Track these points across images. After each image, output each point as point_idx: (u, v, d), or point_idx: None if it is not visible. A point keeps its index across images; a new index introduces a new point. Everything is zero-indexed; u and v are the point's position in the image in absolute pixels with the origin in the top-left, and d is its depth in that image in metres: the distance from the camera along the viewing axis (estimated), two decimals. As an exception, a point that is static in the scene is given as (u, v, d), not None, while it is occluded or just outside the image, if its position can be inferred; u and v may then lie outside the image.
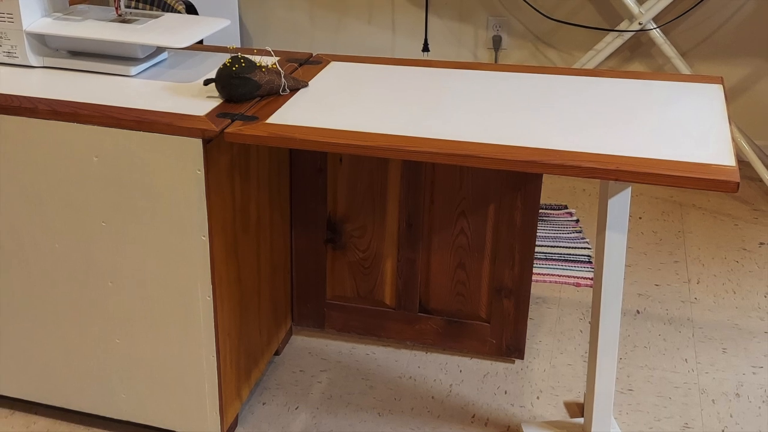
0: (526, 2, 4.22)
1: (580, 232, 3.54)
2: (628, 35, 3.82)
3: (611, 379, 2.29)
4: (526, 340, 2.80)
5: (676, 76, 2.35)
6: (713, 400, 2.63)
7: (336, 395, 2.65)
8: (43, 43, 2.40)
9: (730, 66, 4.10)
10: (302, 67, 2.44)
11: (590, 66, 3.88)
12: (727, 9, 4.01)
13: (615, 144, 1.92)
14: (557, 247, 3.43)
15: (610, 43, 3.85)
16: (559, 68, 2.41)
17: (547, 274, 3.26)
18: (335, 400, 2.63)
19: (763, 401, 2.62)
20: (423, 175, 2.60)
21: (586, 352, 2.83)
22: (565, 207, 3.75)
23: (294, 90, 2.25)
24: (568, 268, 3.29)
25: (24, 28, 2.34)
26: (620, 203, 2.09)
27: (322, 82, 2.33)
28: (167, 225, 2.16)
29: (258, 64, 2.20)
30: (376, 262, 2.74)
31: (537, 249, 3.40)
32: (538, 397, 2.64)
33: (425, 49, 4.40)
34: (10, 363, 2.48)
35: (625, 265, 2.36)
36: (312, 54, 2.54)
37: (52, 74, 2.35)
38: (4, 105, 2.15)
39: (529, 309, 2.79)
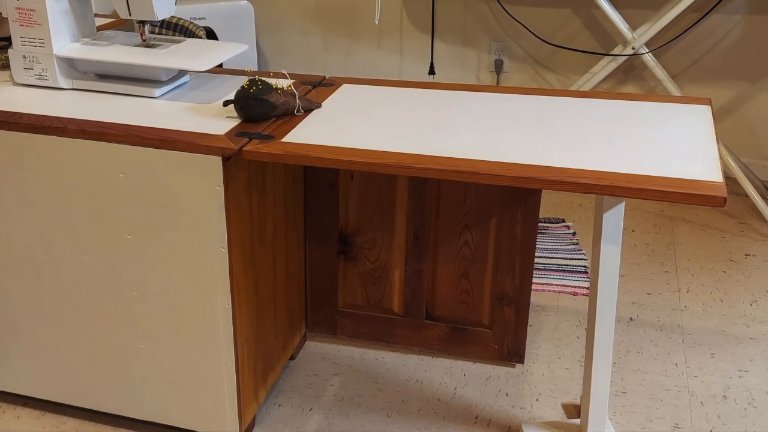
0: (526, 28, 4.22)
1: (576, 244, 3.53)
2: (621, 59, 3.81)
3: (606, 382, 2.28)
4: (526, 346, 2.80)
5: (667, 98, 2.35)
6: (702, 402, 2.61)
7: (347, 397, 2.64)
8: (72, 66, 2.40)
9: (717, 88, 4.09)
10: (316, 89, 2.44)
11: (586, 88, 3.88)
12: (715, 35, 4.00)
13: (610, 161, 1.91)
14: (555, 258, 3.42)
15: (605, 66, 3.84)
16: (558, 90, 2.40)
17: (546, 284, 3.25)
18: (347, 402, 2.62)
19: (749, 403, 2.61)
20: (429, 191, 2.60)
21: (582, 357, 2.82)
22: (563, 220, 3.74)
23: (308, 111, 2.25)
24: (565, 278, 3.28)
25: (54, 53, 2.34)
26: (614, 217, 2.08)
27: (335, 103, 2.32)
28: (189, 237, 2.15)
29: (274, 87, 2.19)
30: (385, 272, 2.74)
31: (536, 260, 3.39)
32: (537, 399, 2.63)
33: (431, 72, 4.40)
34: (41, 367, 2.48)
35: (619, 275, 2.36)
36: (325, 77, 2.54)
37: (81, 96, 2.35)
38: (36, 125, 2.15)
39: (529, 316, 2.78)
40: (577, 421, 2.51)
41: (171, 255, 2.20)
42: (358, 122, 2.17)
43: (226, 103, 2.21)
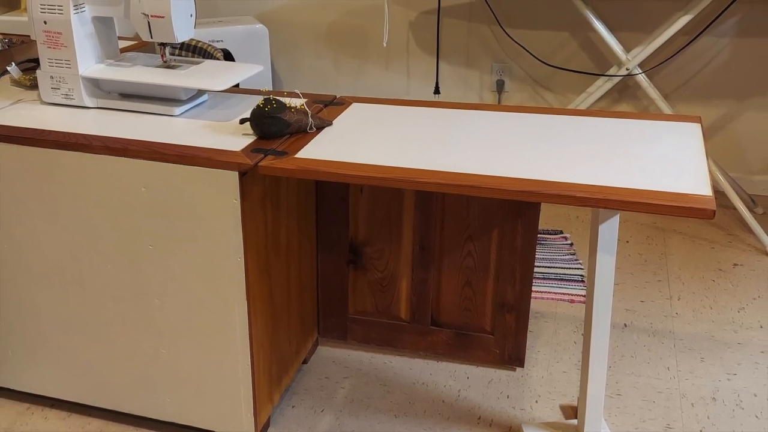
0: (526, 50, 4.22)
1: (574, 254, 3.52)
2: (616, 79, 3.81)
3: (602, 384, 2.27)
4: (526, 351, 2.79)
5: (659, 116, 2.34)
6: (692, 404, 2.60)
7: (357, 399, 2.63)
8: (97, 86, 2.40)
9: (707, 107, 4.08)
10: (327, 108, 2.43)
11: (583, 107, 3.87)
12: (704, 57, 4.00)
13: (605, 176, 1.90)
14: (554, 267, 3.41)
15: (601, 86, 3.84)
16: (556, 109, 2.39)
17: (545, 292, 3.24)
18: (357, 404, 2.61)
19: (737, 404, 2.60)
20: (434, 204, 2.59)
21: (579, 361, 2.81)
22: (561, 232, 3.73)
23: (320, 128, 2.25)
24: (563, 286, 3.27)
25: (80, 73, 2.34)
26: (609, 229, 2.07)
27: (345, 121, 2.32)
28: (207, 248, 2.15)
29: (288, 105, 2.19)
30: (392, 281, 2.73)
31: (536, 269, 3.38)
32: (536, 401, 2.62)
33: (436, 91, 4.40)
34: (68, 370, 2.48)
35: (614, 284, 2.35)
36: (336, 96, 2.54)
37: (105, 114, 2.35)
38: (62, 141, 2.15)
39: (529, 323, 2.77)
40: (575, 421, 2.51)
41: (190, 265, 2.19)
42: (367, 139, 2.17)
43: (242, 121, 2.21)
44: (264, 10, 4.55)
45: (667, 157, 2.02)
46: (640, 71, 3.78)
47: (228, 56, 4.12)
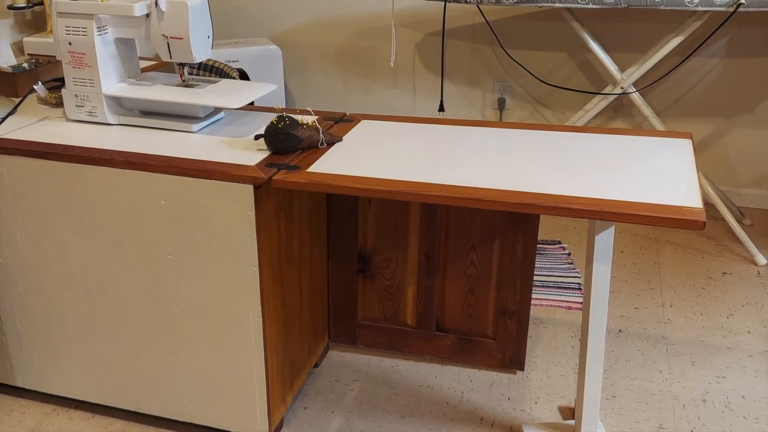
0: (526, 70, 4.22)
1: (571, 263, 3.51)
2: (611, 98, 3.80)
3: (598, 387, 2.26)
4: (526, 355, 2.78)
5: (653, 132, 2.34)
6: (684, 405, 2.59)
7: (366, 401, 2.63)
8: (119, 104, 2.41)
9: (698, 124, 4.08)
10: (337, 125, 2.43)
11: (580, 124, 3.86)
12: (695, 76, 3.99)
13: (601, 189, 1.90)
14: (552, 276, 3.40)
15: (597, 104, 3.83)
16: (554, 125, 2.39)
17: (544, 299, 3.23)
18: (365, 405, 2.61)
19: (726, 406, 2.59)
20: (439, 216, 2.59)
21: (576, 365, 2.80)
22: (559, 242, 3.72)
23: (330, 144, 2.24)
24: (561, 293, 3.26)
25: (103, 92, 2.35)
26: (605, 239, 2.07)
27: (354, 137, 2.32)
28: (223, 258, 2.15)
29: (300, 122, 2.19)
30: (399, 288, 2.73)
31: (535, 277, 3.37)
32: (536, 403, 2.61)
33: (441, 109, 4.39)
34: (92, 373, 2.48)
35: (609, 291, 2.34)
36: (345, 113, 2.54)
37: (127, 131, 2.35)
38: (86, 156, 2.16)
39: (529, 328, 2.75)
40: (572, 422, 2.50)
41: (207, 273, 2.19)
42: (376, 154, 2.17)
43: (257, 137, 2.21)
44: (277, 31, 4.56)
45: (659, 172, 2.02)
46: (634, 90, 3.77)
47: (243, 75, 4.12)
